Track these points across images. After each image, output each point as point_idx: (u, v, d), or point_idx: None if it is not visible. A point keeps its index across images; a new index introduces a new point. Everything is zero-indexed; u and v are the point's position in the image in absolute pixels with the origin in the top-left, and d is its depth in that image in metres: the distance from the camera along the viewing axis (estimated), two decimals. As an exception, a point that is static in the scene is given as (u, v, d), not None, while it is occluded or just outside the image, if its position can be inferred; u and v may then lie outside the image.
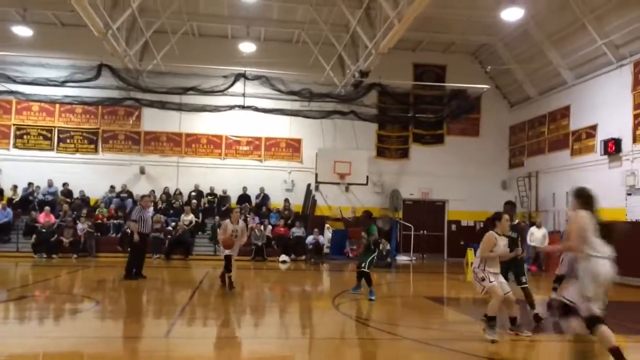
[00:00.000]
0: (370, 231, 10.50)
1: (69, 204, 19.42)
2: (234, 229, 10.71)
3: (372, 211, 12.82)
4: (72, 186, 20.48)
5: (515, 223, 8.27)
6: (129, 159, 21.41)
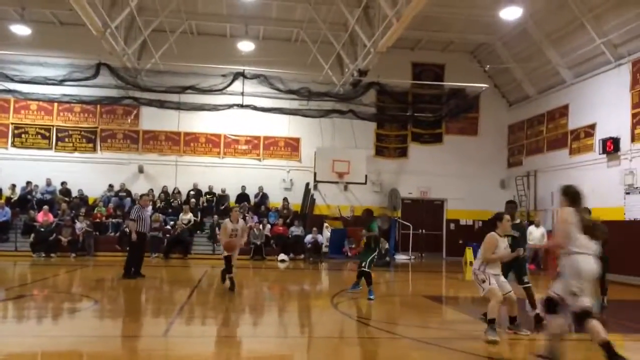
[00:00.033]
0: (370, 228, 10.60)
1: (67, 203, 19.40)
2: (234, 228, 10.58)
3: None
4: (71, 185, 20.47)
5: (517, 222, 8.26)
6: (127, 158, 21.38)
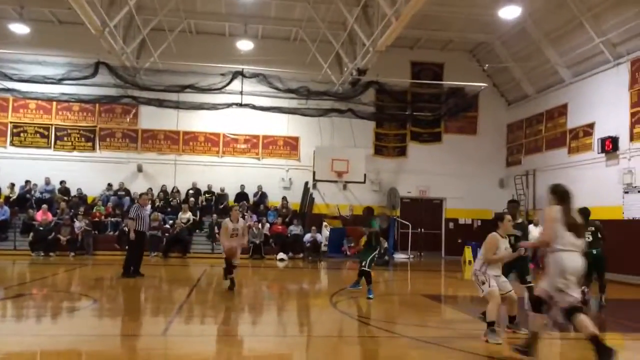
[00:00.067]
0: (371, 225, 10.72)
1: (66, 202, 19.38)
2: (234, 228, 10.41)
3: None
4: (70, 184, 20.45)
5: (519, 222, 8.24)
6: (126, 157, 21.37)
